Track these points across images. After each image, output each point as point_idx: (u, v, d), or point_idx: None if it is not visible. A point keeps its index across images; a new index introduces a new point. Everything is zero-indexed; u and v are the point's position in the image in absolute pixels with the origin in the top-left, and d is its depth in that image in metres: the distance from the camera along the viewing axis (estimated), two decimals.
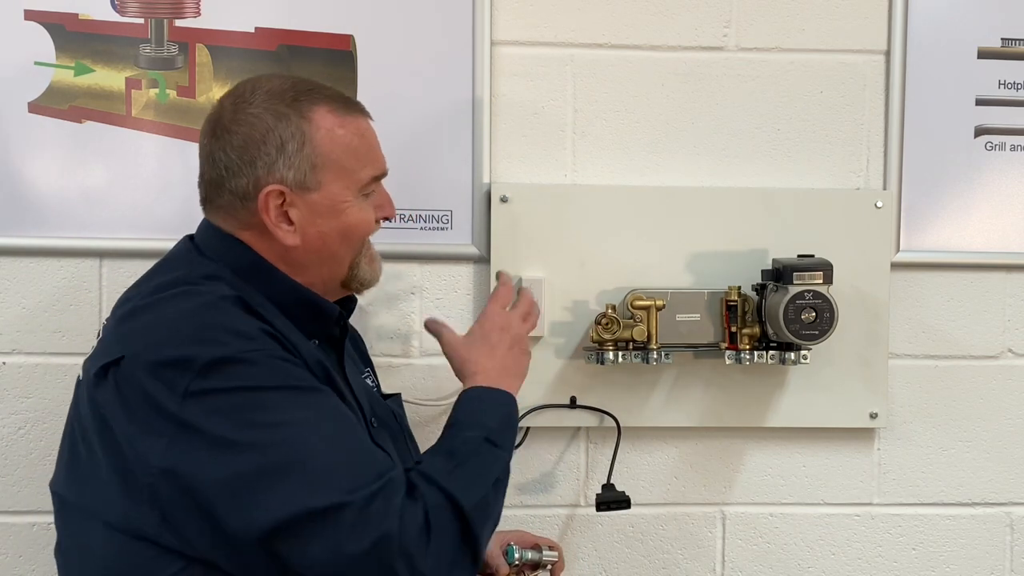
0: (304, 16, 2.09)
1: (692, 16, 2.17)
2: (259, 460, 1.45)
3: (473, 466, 1.57)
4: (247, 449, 1.45)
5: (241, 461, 1.45)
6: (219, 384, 1.47)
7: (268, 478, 1.44)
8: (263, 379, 1.49)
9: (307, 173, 1.62)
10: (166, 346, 1.49)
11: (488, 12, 2.11)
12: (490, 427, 1.63)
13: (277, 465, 1.45)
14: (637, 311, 2.04)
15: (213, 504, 1.45)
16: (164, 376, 1.47)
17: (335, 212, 1.65)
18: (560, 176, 2.16)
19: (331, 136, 1.64)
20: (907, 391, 2.23)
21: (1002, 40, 2.21)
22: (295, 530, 1.44)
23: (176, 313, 1.54)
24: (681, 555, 2.21)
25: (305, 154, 1.61)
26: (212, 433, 1.45)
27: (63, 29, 2.06)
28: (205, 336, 1.50)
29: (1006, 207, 2.22)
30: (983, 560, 2.25)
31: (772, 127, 2.19)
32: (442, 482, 1.51)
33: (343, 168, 1.65)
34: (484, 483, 1.56)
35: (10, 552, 2.10)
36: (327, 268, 1.69)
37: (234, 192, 1.63)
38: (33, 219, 2.07)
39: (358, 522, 1.44)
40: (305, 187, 1.62)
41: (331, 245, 1.67)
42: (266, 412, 1.48)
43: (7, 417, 2.09)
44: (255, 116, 1.62)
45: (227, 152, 1.62)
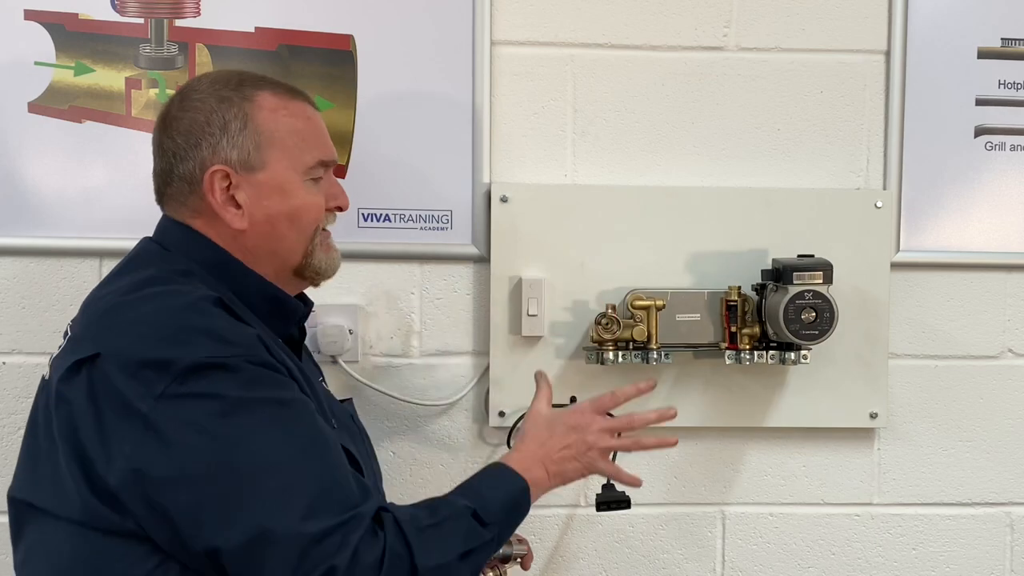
0: (304, 16, 2.09)
1: (692, 16, 2.17)
2: (224, 481, 1.43)
3: (446, 531, 1.54)
4: (214, 468, 1.43)
5: (205, 480, 1.43)
6: (196, 390, 1.45)
7: (230, 500, 1.43)
8: (243, 389, 1.47)
9: (251, 152, 1.62)
10: (146, 346, 1.47)
11: (488, 12, 2.11)
12: (487, 504, 1.60)
13: (240, 488, 1.43)
14: (637, 311, 2.04)
15: (174, 519, 1.44)
16: (141, 376, 1.45)
17: (281, 192, 1.64)
18: (560, 176, 2.16)
19: (274, 116, 1.64)
20: (907, 391, 2.23)
21: (1002, 40, 2.21)
22: (249, 554, 1.42)
23: (157, 312, 1.51)
24: (681, 555, 2.21)
25: (248, 133, 1.62)
26: (180, 445, 1.43)
27: (63, 29, 2.06)
28: (187, 339, 1.48)
29: (1006, 207, 2.22)
30: (983, 560, 2.25)
31: (772, 127, 2.19)
32: (408, 534, 1.49)
33: (287, 148, 1.64)
34: (449, 551, 1.52)
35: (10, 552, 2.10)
36: (278, 255, 1.66)
37: (182, 178, 1.63)
38: (33, 219, 2.07)
39: (311, 552, 1.42)
40: (250, 166, 1.62)
41: (279, 227, 1.64)
42: (240, 428, 1.45)
43: (7, 417, 2.09)
44: (199, 100, 1.64)
45: (174, 138, 1.64)
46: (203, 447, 1.44)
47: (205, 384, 1.45)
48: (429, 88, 2.12)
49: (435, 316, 2.15)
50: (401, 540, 1.48)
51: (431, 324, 2.14)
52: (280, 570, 1.42)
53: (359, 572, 1.43)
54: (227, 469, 1.43)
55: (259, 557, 1.42)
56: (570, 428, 1.75)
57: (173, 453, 1.43)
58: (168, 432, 1.43)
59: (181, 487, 1.43)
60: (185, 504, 1.43)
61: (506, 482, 1.66)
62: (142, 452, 1.44)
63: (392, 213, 2.12)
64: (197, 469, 1.43)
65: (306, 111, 1.69)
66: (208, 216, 1.64)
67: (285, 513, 1.43)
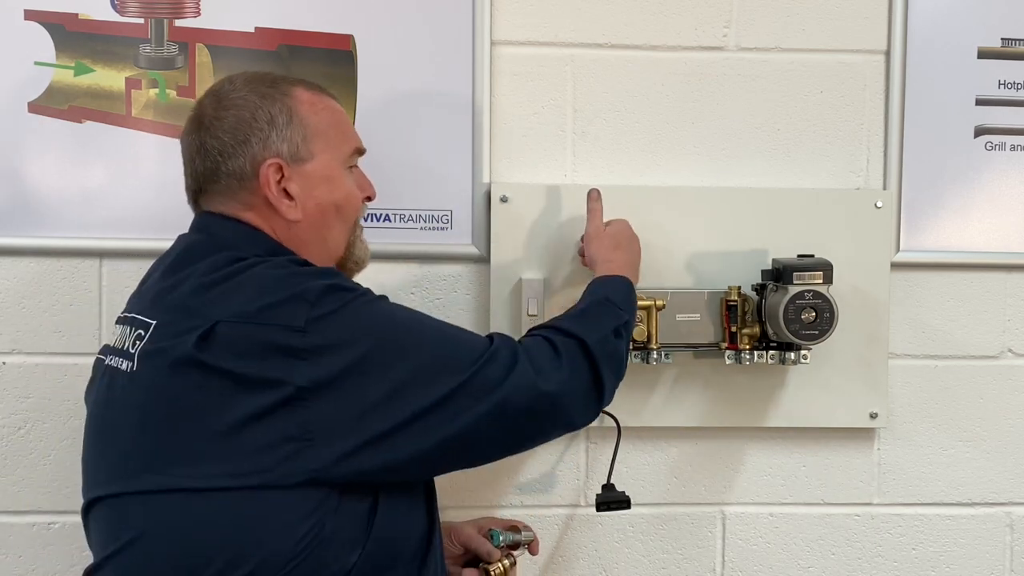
0: (304, 16, 2.09)
1: (692, 16, 2.17)
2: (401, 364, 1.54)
3: (594, 315, 1.75)
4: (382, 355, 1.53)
5: (383, 371, 1.53)
6: (335, 305, 1.53)
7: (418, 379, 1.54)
8: (367, 296, 1.59)
9: (299, 144, 1.67)
10: (266, 295, 1.53)
11: (488, 12, 2.11)
12: (609, 295, 1.80)
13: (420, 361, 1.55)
14: (637, 311, 2.04)
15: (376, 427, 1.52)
16: (278, 317, 1.51)
17: (329, 182, 1.70)
18: (560, 176, 2.16)
19: (314, 109, 1.70)
20: (907, 391, 2.23)
21: (1002, 40, 2.21)
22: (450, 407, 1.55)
23: (262, 275, 1.57)
24: (681, 555, 2.21)
25: (294, 126, 1.67)
26: (348, 351, 1.52)
27: (63, 29, 2.06)
28: (304, 279, 1.56)
29: (1006, 207, 2.22)
30: (983, 560, 2.25)
31: (772, 127, 2.19)
32: (562, 325, 1.70)
33: (329, 139, 1.70)
34: (605, 327, 1.73)
35: (10, 552, 2.10)
36: (327, 244, 1.72)
37: (231, 174, 1.66)
38: (33, 219, 2.07)
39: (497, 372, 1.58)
40: (300, 158, 1.67)
41: (328, 218, 1.70)
42: (385, 317, 1.59)
43: (7, 417, 2.09)
44: (241, 98, 1.67)
45: (219, 137, 1.66)
46: (375, 346, 1.53)
47: (339, 300, 1.54)
48: (429, 88, 2.12)
49: (435, 316, 2.14)
50: (559, 331, 1.69)
51: None
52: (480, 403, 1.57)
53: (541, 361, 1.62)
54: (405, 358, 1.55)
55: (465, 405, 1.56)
56: (631, 238, 1.99)
57: (354, 367, 1.52)
58: (336, 345, 1.52)
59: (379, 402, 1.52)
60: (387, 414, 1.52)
61: (614, 282, 1.85)
62: (322, 375, 1.50)
63: (392, 213, 2.12)
64: (380, 373, 1.53)
65: (336, 105, 1.77)
66: (260, 209, 1.67)
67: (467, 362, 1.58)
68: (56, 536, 2.10)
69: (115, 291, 2.08)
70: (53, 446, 2.10)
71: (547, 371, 1.62)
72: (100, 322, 2.09)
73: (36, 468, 2.09)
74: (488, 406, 1.57)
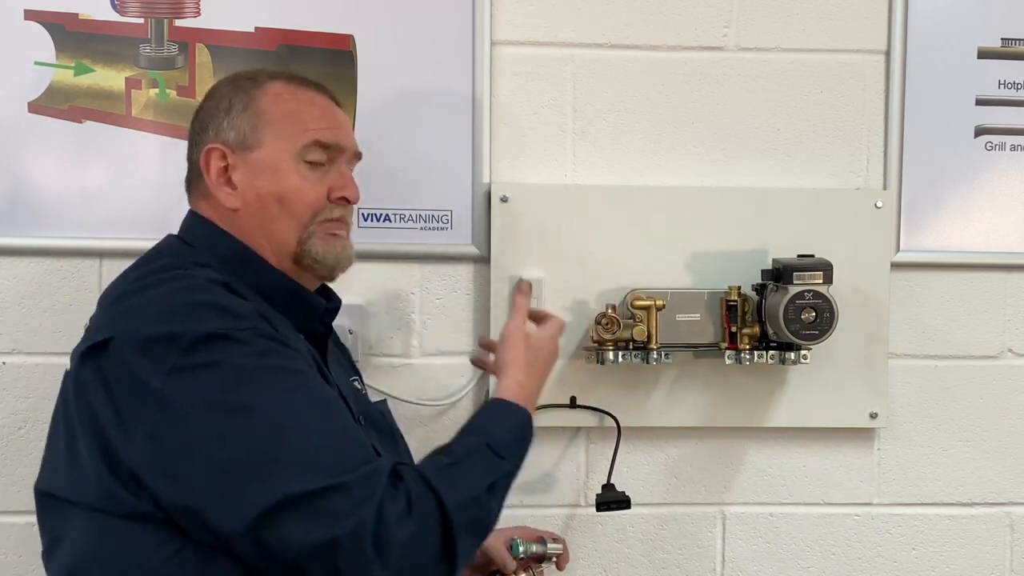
0: (304, 16, 2.09)
1: (692, 16, 2.17)
2: (241, 449, 1.43)
3: (466, 467, 1.54)
4: (229, 438, 1.43)
5: (224, 452, 1.43)
6: (205, 360, 1.45)
7: (250, 469, 1.42)
8: (250, 357, 1.47)
9: (247, 132, 1.65)
10: (154, 323, 1.48)
11: (488, 12, 2.11)
12: (496, 436, 1.60)
13: (259, 453, 1.43)
14: (637, 311, 2.04)
15: (196, 497, 1.44)
16: (151, 352, 1.45)
17: (274, 173, 1.65)
18: (560, 176, 2.16)
19: (276, 99, 1.67)
20: (907, 391, 2.23)
21: (1002, 40, 2.21)
22: (276, 517, 1.41)
23: (165, 294, 1.52)
24: (681, 555, 2.21)
25: (247, 114, 1.66)
26: (194, 418, 1.43)
27: (63, 29, 2.06)
28: (193, 313, 1.49)
29: (1006, 207, 2.22)
30: (983, 560, 2.25)
31: (772, 127, 2.19)
32: (430, 478, 1.48)
33: (282, 129, 1.66)
34: (474, 485, 1.52)
35: (10, 552, 2.10)
36: (273, 238, 1.65)
37: (193, 163, 1.70)
38: (33, 219, 2.07)
39: (337, 507, 1.41)
40: (246, 145, 1.65)
41: (269, 209, 1.64)
42: (251, 393, 1.45)
43: (7, 417, 2.09)
44: (218, 89, 1.72)
45: (193, 126, 1.71)
46: (216, 418, 1.43)
47: (212, 354, 1.45)
48: (429, 88, 2.12)
49: (435, 316, 2.15)
50: (424, 485, 1.47)
51: (431, 324, 2.14)
52: (307, 531, 1.40)
53: (389, 523, 1.42)
54: (243, 440, 1.43)
55: (287, 519, 1.41)
56: (551, 353, 1.81)
57: (189, 427, 1.43)
58: (181, 405, 1.44)
59: (202, 470, 1.43)
60: (209, 487, 1.43)
61: (509, 415, 1.66)
62: (160, 428, 1.44)
63: (392, 213, 2.12)
64: (214, 448, 1.43)
65: (313, 97, 1.71)
66: (210, 198, 1.67)
67: (308, 471, 1.42)
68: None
69: None
70: None
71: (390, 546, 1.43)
72: None
73: (36, 468, 2.07)
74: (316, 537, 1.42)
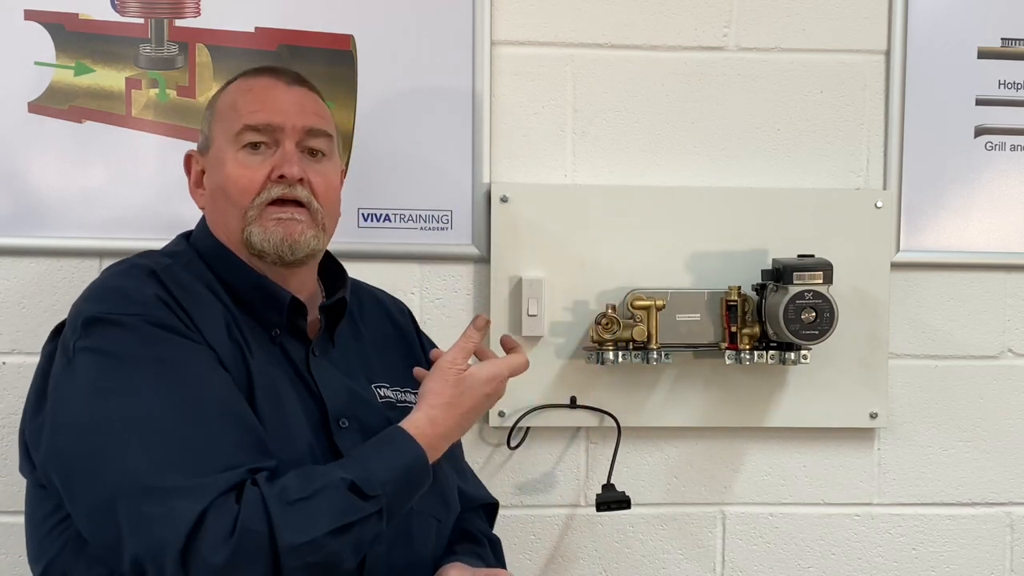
0: (304, 16, 2.09)
1: (692, 16, 2.17)
2: (86, 440, 1.45)
3: (316, 505, 1.42)
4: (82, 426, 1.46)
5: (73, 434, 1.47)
6: (88, 344, 1.50)
7: (90, 456, 1.44)
8: (129, 346, 1.48)
9: (207, 134, 1.70)
10: (77, 305, 1.57)
11: (488, 12, 2.11)
12: (370, 475, 1.46)
13: (100, 446, 1.44)
14: (637, 311, 2.04)
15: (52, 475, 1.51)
16: (67, 331, 1.54)
17: (218, 165, 1.67)
18: (560, 176, 2.16)
19: (227, 93, 1.71)
20: (907, 391, 2.23)
21: (1002, 40, 2.21)
22: (101, 514, 1.43)
23: (99, 279, 1.61)
24: (681, 555, 2.21)
25: (208, 114, 1.72)
26: (62, 398, 1.50)
27: (63, 29, 2.06)
28: (98, 296, 1.57)
29: (1006, 207, 2.22)
30: (983, 560, 2.25)
31: (772, 127, 2.19)
32: (271, 509, 1.39)
33: (224, 120, 1.68)
34: (318, 527, 1.40)
35: (10, 552, 2.10)
36: (227, 229, 1.65)
37: None
38: (33, 219, 2.07)
39: (152, 513, 1.38)
40: (206, 146, 1.70)
41: (218, 201, 1.66)
42: (115, 382, 1.47)
43: (7, 417, 2.09)
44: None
45: None
46: (76, 401, 1.48)
47: (95, 339, 1.50)
48: (429, 88, 2.12)
49: (435, 316, 2.14)
50: (261, 515, 1.38)
51: (431, 324, 2.14)
52: (119, 532, 1.40)
53: (202, 542, 1.36)
54: (92, 424, 1.46)
55: (107, 520, 1.42)
56: (486, 396, 1.60)
57: (58, 405, 1.51)
58: (59, 385, 1.52)
59: (59, 439, 1.49)
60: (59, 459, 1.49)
61: (399, 450, 1.51)
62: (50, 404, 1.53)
63: (392, 213, 2.12)
64: (68, 421, 1.49)
65: (255, 83, 1.68)
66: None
67: (134, 471, 1.41)
68: None
69: None
70: None
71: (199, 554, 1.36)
72: None
73: None
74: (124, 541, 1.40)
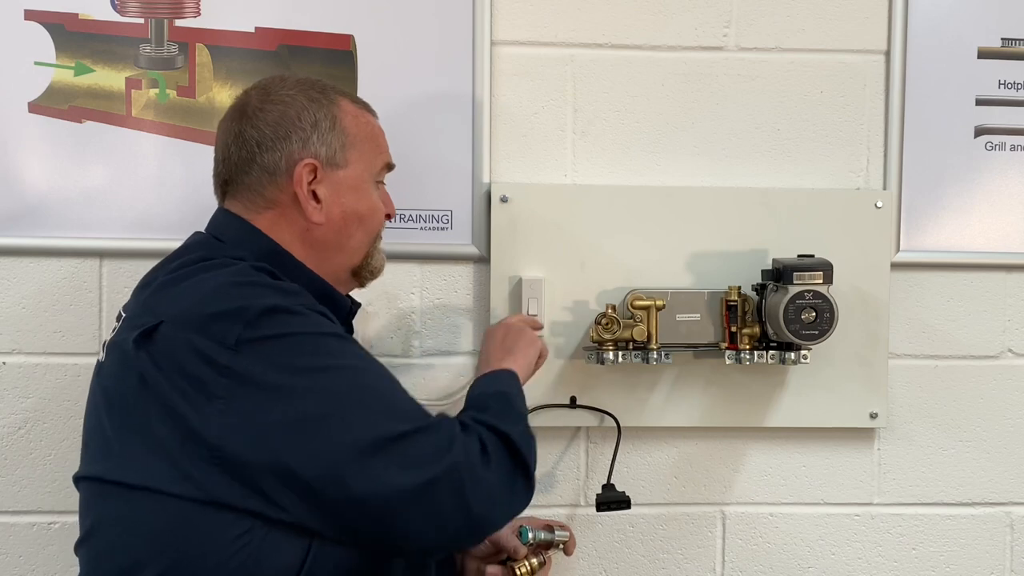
0: (304, 16, 2.09)
1: (692, 16, 2.17)
2: (323, 400, 1.49)
3: (503, 407, 1.66)
4: (307, 393, 1.49)
5: (304, 406, 1.48)
6: (271, 331, 1.50)
7: (335, 416, 1.48)
8: (312, 326, 1.55)
9: (337, 151, 1.71)
10: (209, 303, 1.52)
11: (488, 12, 2.11)
12: (499, 388, 1.71)
13: (342, 402, 1.50)
14: (637, 311, 2.04)
15: (280, 448, 1.47)
16: (213, 330, 1.49)
17: (358, 192, 1.73)
18: (560, 176, 2.16)
19: (356, 121, 1.75)
20: (907, 391, 2.23)
21: (1002, 40, 2.21)
22: (366, 461, 1.47)
23: (213, 279, 1.57)
24: (681, 555, 2.21)
25: (336, 132, 1.71)
26: (270, 383, 1.48)
27: (63, 29, 2.06)
28: (250, 291, 1.54)
29: (1006, 207, 2.22)
30: (983, 560, 2.25)
31: (772, 127, 2.19)
32: (486, 418, 1.60)
33: (365, 151, 1.75)
34: (519, 417, 1.66)
35: (10, 552, 2.10)
36: (344, 252, 1.74)
37: (264, 167, 1.69)
38: (33, 219, 2.07)
39: (428, 450, 1.50)
40: (335, 164, 1.70)
41: (351, 226, 1.72)
42: (320, 356, 1.52)
43: (7, 417, 2.09)
44: (290, 96, 1.71)
45: (260, 128, 1.69)
46: (293, 381, 1.48)
47: (278, 325, 1.51)
48: (429, 88, 2.12)
49: (435, 316, 2.15)
50: (484, 426, 1.58)
51: (431, 324, 2.14)
52: (399, 473, 1.48)
53: (475, 464, 1.53)
54: (322, 395, 1.49)
55: (374, 465, 1.47)
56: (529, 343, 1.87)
57: (267, 397, 1.48)
58: (256, 378, 1.48)
59: (288, 425, 1.47)
60: (296, 441, 1.47)
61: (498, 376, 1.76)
62: (236, 400, 1.47)
63: None
64: (295, 403, 1.48)
65: (375, 121, 1.81)
66: (283, 207, 1.69)
67: (392, 418, 1.51)
68: (56, 536, 2.10)
69: (115, 291, 2.08)
70: (53, 446, 2.10)
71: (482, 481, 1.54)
72: (100, 322, 2.09)
73: (36, 468, 2.09)
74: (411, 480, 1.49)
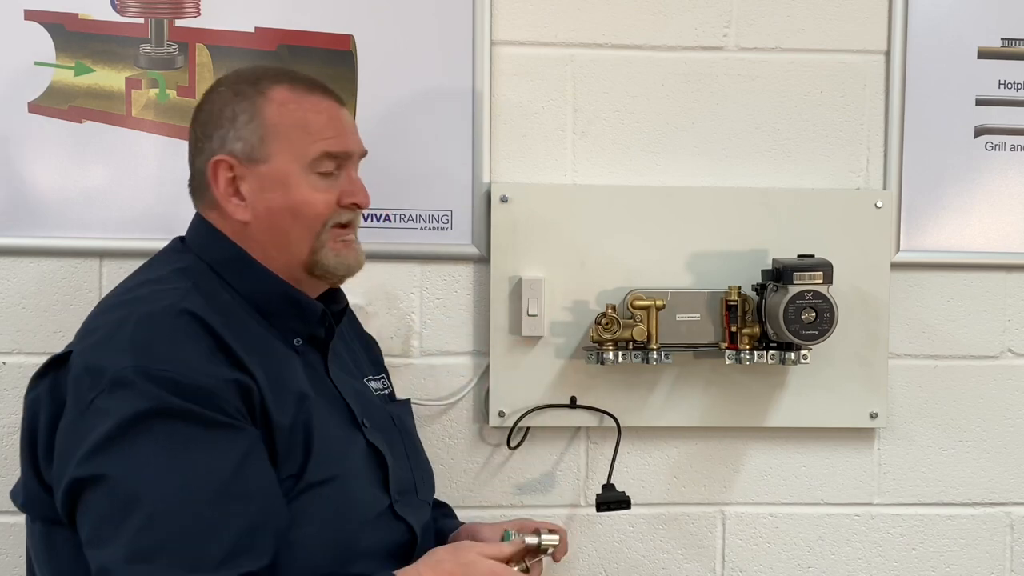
0: (304, 16, 2.09)
1: (692, 16, 2.17)
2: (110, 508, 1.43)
3: None
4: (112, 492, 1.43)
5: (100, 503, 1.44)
6: (110, 405, 1.44)
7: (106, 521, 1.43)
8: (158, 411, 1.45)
9: (255, 145, 1.63)
10: (94, 352, 1.50)
11: (488, 12, 2.11)
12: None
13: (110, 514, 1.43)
14: (637, 311, 2.04)
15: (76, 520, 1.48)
16: (81, 381, 1.48)
17: (283, 185, 1.63)
18: (560, 176, 2.16)
19: (282, 109, 1.64)
20: (907, 391, 2.23)
21: (1002, 40, 2.21)
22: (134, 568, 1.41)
23: (120, 320, 1.52)
24: (681, 555, 2.21)
25: (254, 126, 1.63)
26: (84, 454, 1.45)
27: (63, 29, 2.06)
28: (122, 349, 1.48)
29: (1006, 207, 2.22)
30: (983, 560, 2.25)
31: (772, 127, 2.19)
32: None
33: (290, 140, 1.64)
34: None
35: (10, 552, 2.10)
36: (286, 249, 1.65)
37: (199, 169, 1.68)
38: (33, 219, 2.07)
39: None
40: (253, 159, 1.63)
41: (281, 221, 1.64)
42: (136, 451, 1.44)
43: (7, 417, 2.09)
44: (218, 94, 1.68)
45: (195, 128, 1.69)
46: (102, 462, 1.44)
47: (119, 400, 1.44)
48: (429, 88, 2.12)
49: (435, 316, 2.15)
50: None
51: (431, 324, 2.14)
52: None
53: None
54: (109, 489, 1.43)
55: None
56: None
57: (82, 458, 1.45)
58: (81, 437, 1.45)
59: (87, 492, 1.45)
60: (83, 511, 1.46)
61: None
62: (68, 450, 1.47)
63: (392, 213, 2.12)
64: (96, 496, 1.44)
65: (320, 104, 1.68)
66: (220, 208, 1.66)
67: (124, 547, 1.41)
68: None
69: None
70: None
71: None
72: None
73: None
74: None
